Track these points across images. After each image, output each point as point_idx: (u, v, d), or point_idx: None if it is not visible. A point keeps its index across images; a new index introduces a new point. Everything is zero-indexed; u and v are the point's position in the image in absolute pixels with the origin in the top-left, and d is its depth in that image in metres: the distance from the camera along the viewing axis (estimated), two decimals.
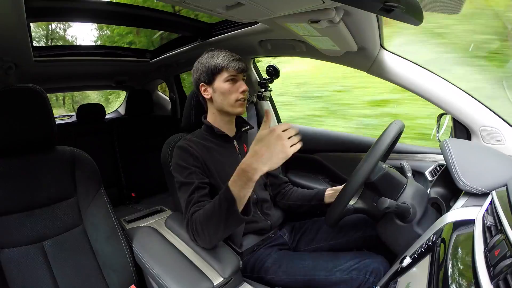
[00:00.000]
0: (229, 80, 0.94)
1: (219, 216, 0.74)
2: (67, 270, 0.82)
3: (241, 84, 0.95)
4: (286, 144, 0.65)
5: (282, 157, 0.66)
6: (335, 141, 1.45)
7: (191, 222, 0.82)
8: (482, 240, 0.51)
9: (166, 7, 3.45)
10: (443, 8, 0.73)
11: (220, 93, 0.95)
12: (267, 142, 0.66)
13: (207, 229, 0.78)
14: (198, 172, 0.90)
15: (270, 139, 0.66)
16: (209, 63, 0.94)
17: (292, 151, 0.66)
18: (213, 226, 0.77)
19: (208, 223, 0.78)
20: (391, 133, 0.76)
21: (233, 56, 0.94)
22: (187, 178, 0.88)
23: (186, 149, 0.92)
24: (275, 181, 1.16)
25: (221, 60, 0.93)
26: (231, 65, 0.92)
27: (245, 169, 0.69)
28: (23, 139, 0.82)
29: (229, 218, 0.73)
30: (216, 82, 0.95)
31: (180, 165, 0.91)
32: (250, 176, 0.68)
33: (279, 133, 0.65)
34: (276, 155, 0.66)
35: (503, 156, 0.80)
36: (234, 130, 1.06)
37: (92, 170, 0.92)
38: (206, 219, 0.77)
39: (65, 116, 2.73)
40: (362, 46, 0.94)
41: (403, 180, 0.83)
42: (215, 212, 0.75)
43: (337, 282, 0.81)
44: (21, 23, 0.90)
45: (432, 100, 0.97)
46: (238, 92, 0.94)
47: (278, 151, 0.65)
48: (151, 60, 1.94)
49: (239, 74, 0.95)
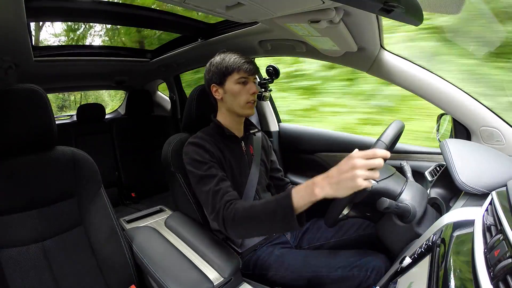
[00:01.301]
0: (240, 82, 0.94)
1: (269, 219, 0.72)
2: (67, 270, 0.82)
3: (251, 86, 0.96)
4: (358, 174, 0.60)
5: (350, 187, 0.62)
6: (335, 141, 1.45)
7: (227, 211, 0.79)
8: (482, 241, 0.51)
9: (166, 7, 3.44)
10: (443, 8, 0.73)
11: (230, 94, 0.96)
12: (340, 168, 0.64)
13: (249, 224, 0.76)
14: (216, 166, 0.90)
15: (343, 165, 0.63)
16: (221, 64, 0.95)
17: (365, 184, 0.60)
18: (257, 225, 0.76)
19: (252, 221, 0.75)
20: (391, 133, 0.76)
21: (245, 58, 0.95)
22: (207, 171, 0.87)
23: (201, 145, 0.92)
24: (279, 183, 1.18)
25: (232, 62, 0.93)
26: (243, 67, 0.93)
27: (315, 182, 0.67)
28: (23, 139, 0.82)
29: (280, 224, 0.72)
30: (227, 83, 0.95)
31: (197, 160, 0.90)
32: (315, 191, 0.66)
33: (354, 161, 0.61)
34: (344, 183, 0.62)
35: (503, 157, 0.80)
36: (242, 131, 1.07)
37: (92, 170, 0.92)
38: (251, 216, 0.75)
39: (65, 116, 2.73)
40: (362, 46, 0.94)
41: (396, 189, 0.80)
42: (266, 214, 0.73)
43: (339, 279, 0.81)
44: (21, 23, 0.90)
45: (432, 100, 0.97)
46: (248, 94, 0.95)
47: (347, 180, 0.62)
48: (151, 60, 1.94)
49: (250, 76, 0.96)
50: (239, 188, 0.98)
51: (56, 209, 0.85)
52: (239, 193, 0.97)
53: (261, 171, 1.08)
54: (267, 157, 1.15)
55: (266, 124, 1.68)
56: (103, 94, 8.25)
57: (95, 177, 0.92)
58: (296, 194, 0.70)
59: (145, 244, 0.95)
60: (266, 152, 1.15)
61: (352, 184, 0.61)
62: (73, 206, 0.88)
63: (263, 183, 1.08)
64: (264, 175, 1.10)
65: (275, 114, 1.70)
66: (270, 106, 1.67)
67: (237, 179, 0.98)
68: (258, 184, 1.03)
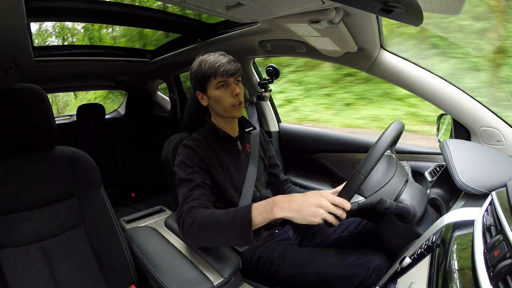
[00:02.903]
0: (220, 87, 0.93)
1: (225, 228, 0.73)
2: (67, 270, 0.82)
3: (233, 88, 0.93)
4: (320, 212, 0.65)
5: (307, 219, 0.66)
6: (335, 141, 1.45)
7: (187, 215, 0.79)
8: (482, 241, 0.51)
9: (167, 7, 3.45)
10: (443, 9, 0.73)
11: (214, 100, 0.95)
12: (307, 199, 0.67)
13: (205, 232, 0.76)
14: (201, 172, 0.90)
15: (310, 198, 0.67)
16: (198, 72, 0.93)
17: (320, 222, 0.65)
18: (213, 233, 0.75)
19: (208, 228, 0.75)
20: (392, 133, 0.76)
21: (220, 61, 0.90)
22: (189, 175, 0.88)
23: (193, 149, 0.92)
24: (275, 180, 1.18)
25: (207, 68, 0.91)
26: (219, 71, 0.90)
27: (275, 201, 0.70)
28: (23, 139, 0.82)
29: (236, 235, 0.72)
30: (209, 90, 0.94)
31: (184, 163, 0.90)
32: (274, 210, 0.69)
33: (321, 201, 0.65)
34: (305, 212, 0.66)
35: (502, 157, 0.80)
36: (237, 130, 1.07)
37: (92, 170, 0.92)
38: (209, 223, 0.75)
39: (65, 116, 2.73)
40: (362, 46, 0.94)
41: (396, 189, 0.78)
42: (224, 223, 0.73)
43: (340, 277, 0.82)
44: (21, 23, 0.90)
45: (432, 100, 0.97)
46: (231, 97, 0.93)
47: (308, 212, 0.66)
48: (151, 60, 1.94)
49: (230, 78, 0.92)
50: (238, 187, 0.98)
51: (56, 209, 0.85)
52: (238, 192, 0.98)
53: (260, 168, 1.08)
54: (265, 153, 1.15)
55: (266, 124, 1.68)
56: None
57: (95, 177, 0.92)
58: (255, 210, 0.71)
59: (145, 244, 0.95)
60: (264, 148, 1.15)
61: (310, 218, 0.66)
62: (73, 206, 0.88)
63: (262, 179, 1.08)
64: (263, 171, 1.11)
65: (275, 114, 1.70)
66: (270, 106, 1.67)
67: (235, 179, 0.98)
68: (258, 181, 1.04)
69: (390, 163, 0.82)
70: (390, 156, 0.84)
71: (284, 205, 0.68)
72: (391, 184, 0.78)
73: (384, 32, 0.94)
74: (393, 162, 0.83)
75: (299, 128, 1.65)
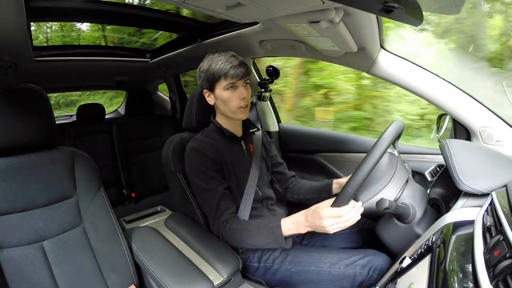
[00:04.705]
0: (229, 88, 0.93)
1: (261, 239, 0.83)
2: (67, 270, 0.82)
3: (241, 91, 0.93)
4: (329, 229, 0.72)
5: (322, 231, 0.74)
6: (335, 141, 1.46)
7: (224, 229, 0.88)
8: (482, 241, 0.51)
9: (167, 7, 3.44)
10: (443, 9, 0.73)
11: (221, 101, 0.95)
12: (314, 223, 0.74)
13: (244, 242, 0.86)
14: (218, 177, 0.93)
15: (317, 222, 0.73)
16: (208, 71, 0.93)
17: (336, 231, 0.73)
18: (252, 242, 0.85)
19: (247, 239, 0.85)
20: (392, 133, 0.76)
21: (231, 62, 0.90)
22: (208, 184, 0.91)
23: (203, 153, 0.93)
24: (282, 178, 1.19)
25: (218, 67, 0.90)
26: (229, 73, 0.90)
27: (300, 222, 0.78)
28: (23, 139, 0.82)
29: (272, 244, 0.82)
30: (217, 90, 0.94)
31: (199, 169, 0.92)
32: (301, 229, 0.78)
33: (323, 222, 0.71)
34: (320, 230, 0.74)
35: (502, 157, 0.80)
36: (241, 130, 1.07)
37: (92, 170, 0.92)
38: (247, 235, 0.85)
39: (65, 116, 2.73)
40: (362, 46, 0.94)
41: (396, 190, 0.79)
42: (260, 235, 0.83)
43: (341, 276, 0.82)
44: (21, 23, 0.89)
45: (432, 100, 0.97)
46: (239, 99, 0.93)
47: (321, 230, 0.74)
48: (151, 60, 1.94)
49: (239, 80, 0.92)
50: (241, 186, 0.99)
51: (56, 209, 0.85)
52: (241, 191, 0.98)
53: (263, 168, 1.08)
54: (268, 153, 1.16)
55: (266, 124, 1.68)
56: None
57: (95, 177, 0.92)
58: (286, 225, 0.80)
59: (145, 244, 0.95)
60: (267, 149, 1.15)
61: (325, 233, 0.74)
62: (73, 206, 0.88)
63: (265, 179, 1.09)
64: (266, 171, 1.11)
65: (275, 114, 1.70)
66: (270, 106, 1.67)
67: (239, 179, 0.99)
68: (260, 180, 1.04)
69: (391, 161, 0.82)
70: (392, 154, 0.84)
71: (306, 224, 0.77)
72: (391, 184, 0.78)
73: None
74: (394, 160, 0.83)
75: (299, 128, 1.65)
